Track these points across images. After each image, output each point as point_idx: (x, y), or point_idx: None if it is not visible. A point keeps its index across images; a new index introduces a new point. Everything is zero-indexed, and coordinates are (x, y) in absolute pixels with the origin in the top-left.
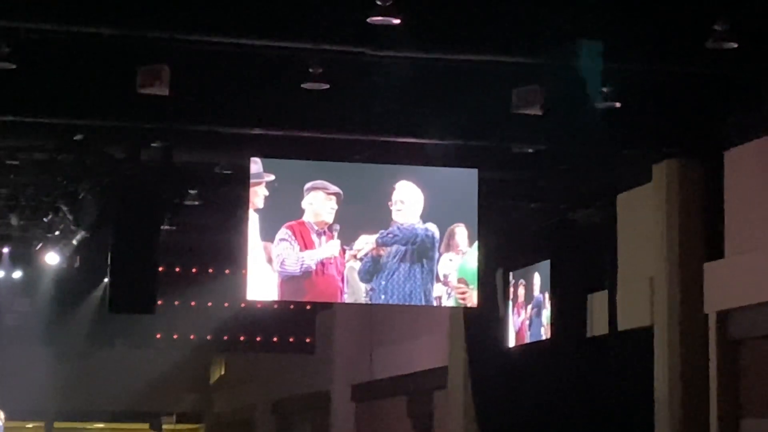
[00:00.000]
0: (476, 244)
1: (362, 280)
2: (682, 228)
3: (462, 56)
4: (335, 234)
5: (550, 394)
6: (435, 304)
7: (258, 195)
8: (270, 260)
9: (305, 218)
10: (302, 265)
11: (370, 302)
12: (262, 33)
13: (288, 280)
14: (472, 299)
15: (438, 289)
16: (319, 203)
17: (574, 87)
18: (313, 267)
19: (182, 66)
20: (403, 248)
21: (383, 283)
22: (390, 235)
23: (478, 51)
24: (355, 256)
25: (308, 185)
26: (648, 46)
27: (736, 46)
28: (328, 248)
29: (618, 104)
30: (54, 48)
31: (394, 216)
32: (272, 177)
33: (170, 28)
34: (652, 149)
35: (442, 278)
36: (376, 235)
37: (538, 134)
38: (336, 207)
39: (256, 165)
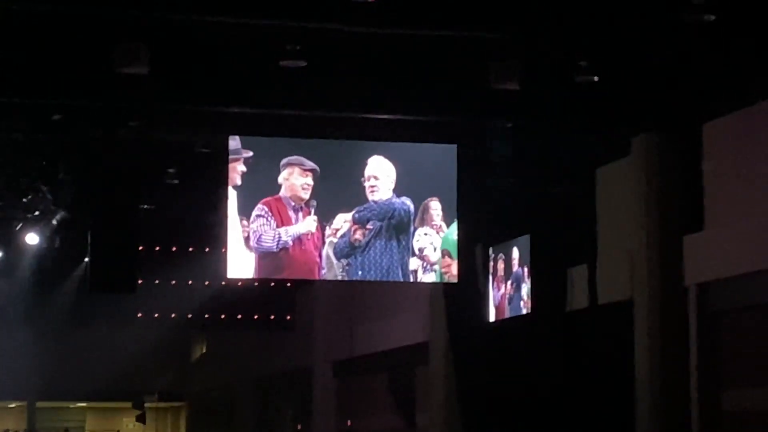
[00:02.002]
0: (455, 218)
1: (339, 255)
2: (662, 201)
3: (438, 32)
4: (312, 210)
5: (531, 367)
6: (411, 278)
7: (236, 171)
8: (248, 237)
9: (282, 194)
10: (279, 241)
11: (347, 278)
12: (239, 11)
13: (265, 257)
14: (454, 273)
15: (413, 263)
16: (295, 179)
17: (552, 61)
18: (290, 243)
19: (160, 45)
20: (379, 224)
21: (360, 258)
22: (366, 211)
23: (454, 27)
24: (334, 234)
25: (284, 161)
26: (625, 19)
27: (713, 18)
28: (305, 224)
29: (596, 78)
30: (31, 28)
31: (368, 194)
32: (250, 153)
33: (147, 7)
34: (630, 123)
35: (417, 252)
36: (353, 212)
37: (516, 109)
38: (312, 183)
39: (234, 141)
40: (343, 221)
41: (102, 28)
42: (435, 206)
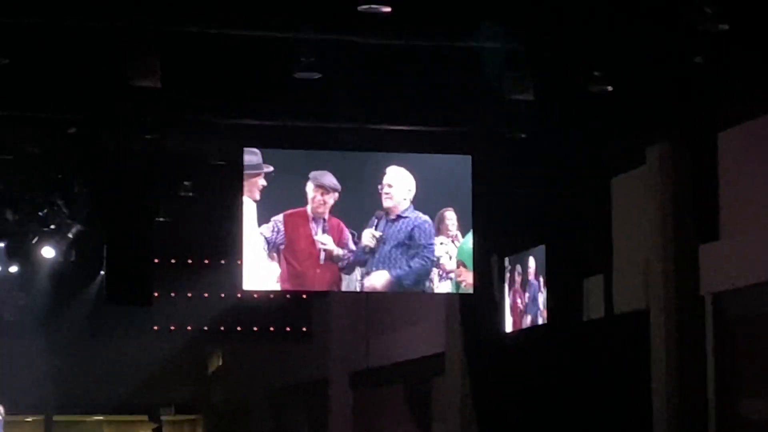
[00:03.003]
0: (470, 228)
1: (358, 264)
2: (677, 210)
3: (453, 43)
4: (333, 222)
5: (547, 378)
6: (428, 284)
7: (257, 186)
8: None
9: (306, 206)
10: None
11: (364, 290)
12: (253, 23)
13: (284, 271)
14: (470, 282)
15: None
16: (317, 194)
17: (566, 71)
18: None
19: (174, 58)
20: (401, 241)
21: (377, 269)
22: (391, 230)
23: (468, 37)
24: (354, 246)
25: (311, 175)
26: (639, 28)
27: (727, 27)
28: (323, 238)
29: (610, 88)
30: (46, 42)
31: (384, 201)
32: (271, 168)
33: (161, 20)
34: (644, 132)
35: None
36: (378, 232)
37: (530, 119)
38: (332, 202)
39: (256, 156)
40: (370, 236)
41: (116, 41)
42: (450, 216)
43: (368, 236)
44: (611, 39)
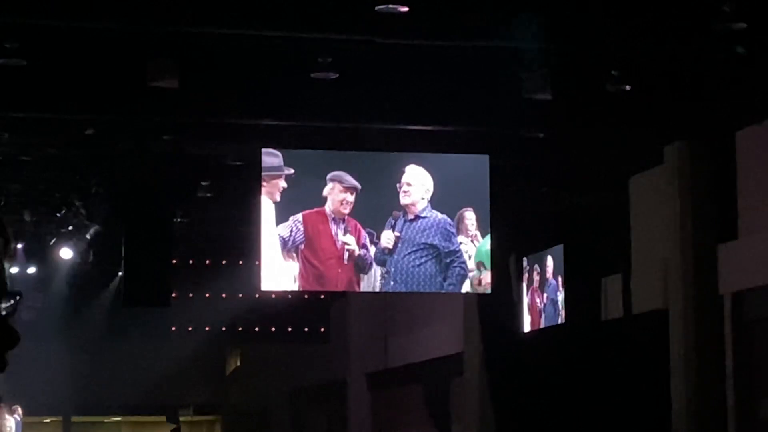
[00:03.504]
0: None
1: (377, 263)
2: (695, 209)
3: (470, 43)
4: (352, 224)
5: (566, 377)
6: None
7: (277, 188)
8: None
9: (326, 206)
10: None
11: (382, 290)
12: (270, 24)
13: (303, 271)
14: (488, 282)
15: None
16: (336, 195)
17: (583, 71)
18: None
19: (191, 59)
20: (425, 242)
21: (396, 268)
22: (410, 231)
23: (486, 37)
24: (373, 245)
25: (329, 176)
26: (656, 28)
27: (744, 26)
28: (347, 239)
29: (628, 87)
30: (63, 44)
31: (401, 199)
32: (292, 171)
33: (178, 22)
34: (662, 131)
35: None
36: (396, 233)
37: (548, 119)
38: (352, 200)
39: (277, 158)
40: (386, 239)
41: (133, 43)
42: (470, 216)
43: (386, 238)
44: (628, 38)
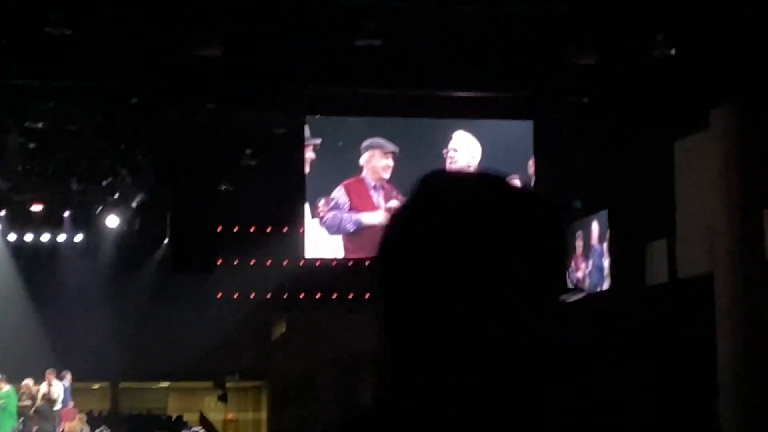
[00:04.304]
0: None
1: None
2: (741, 173)
3: (515, 8)
4: (389, 189)
5: (611, 344)
6: None
7: (306, 159)
8: (321, 218)
9: (363, 175)
10: (340, 227)
11: None
12: None
13: (346, 238)
14: None
15: None
16: (377, 161)
17: (628, 35)
18: (351, 229)
19: (235, 27)
20: None
21: None
22: None
23: (530, 2)
24: None
25: (365, 144)
26: None
27: None
28: (373, 216)
29: (673, 51)
30: (108, 13)
31: (447, 165)
32: (319, 140)
33: None
34: (708, 95)
35: None
36: None
37: (593, 84)
38: (392, 164)
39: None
40: None
41: (178, 12)
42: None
43: None
44: (673, 1)
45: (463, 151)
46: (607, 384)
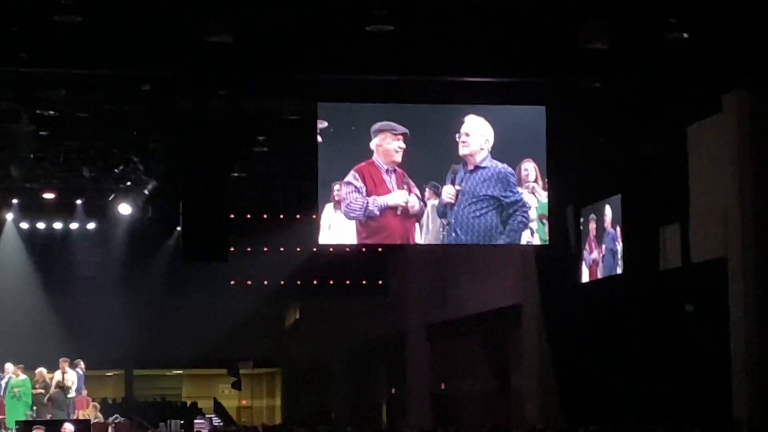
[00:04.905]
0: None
1: (439, 215)
2: (754, 158)
3: None
4: (400, 174)
5: (625, 327)
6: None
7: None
8: (338, 202)
9: (375, 158)
10: (365, 210)
11: (444, 241)
12: None
13: (360, 224)
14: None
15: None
16: (388, 144)
17: (640, 19)
18: (377, 213)
19: (246, 13)
20: (486, 194)
21: (457, 219)
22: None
23: None
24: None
25: (375, 127)
26: None
27: None
28: (395, 196)
29: (685, 35)
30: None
31: (460, 150)
32: (325, 124)
33: None
34: (720, 79)
35: None
36: (457, 187)
37: (605, 68)
38: (404, 146)
39: None
40: (448, 193)
41: None
42: (528, 167)
43: (447, 193)
44: None
45: (476, 135)
46: (620, 367)
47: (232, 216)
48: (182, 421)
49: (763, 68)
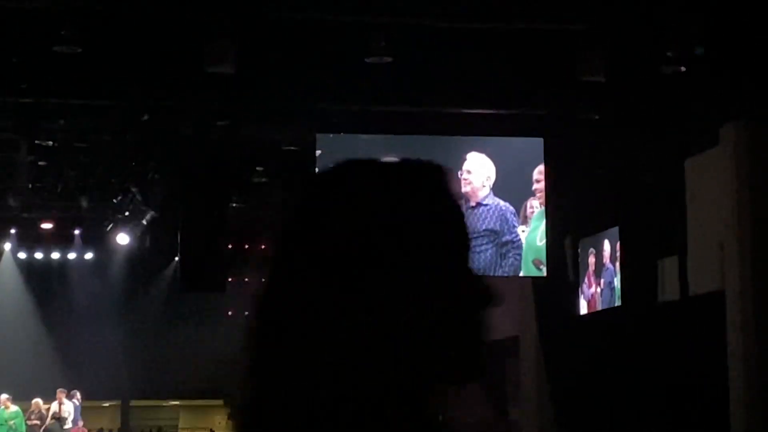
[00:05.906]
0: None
1: None
2: (752, 190)
3: (524, 25)
4: None
5: (622, 361)
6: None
7: None
8: None
9: None
10: None
11: None
12: (324, 7)
13: None
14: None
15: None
16: None
17: (638, 52)
18: None
19: (247, 43)
20: (486, 229)
21: None
22: (472, 218)
23: (539, 19)
24: None
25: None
26: (710, 7)
27: None
28: None
29: (683, 68)
30: (119, 30)
31: (462, 187)
32: (319, 152)
33: (235, 6)
34: (717, 112)
35: None
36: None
37: (602, 100)
38: None
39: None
40: None
41: (189, 27)
42: (534, 205)
43: None
44: (682, 19)
45: (478, 172)
46: (617, 400)
47: (229, 246)
48: None
49: (760, 101)
